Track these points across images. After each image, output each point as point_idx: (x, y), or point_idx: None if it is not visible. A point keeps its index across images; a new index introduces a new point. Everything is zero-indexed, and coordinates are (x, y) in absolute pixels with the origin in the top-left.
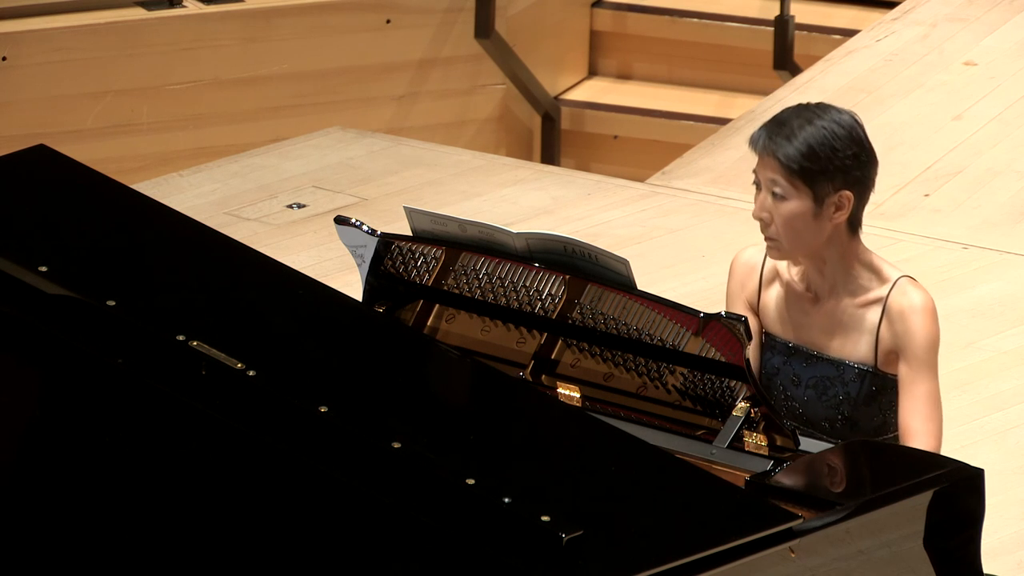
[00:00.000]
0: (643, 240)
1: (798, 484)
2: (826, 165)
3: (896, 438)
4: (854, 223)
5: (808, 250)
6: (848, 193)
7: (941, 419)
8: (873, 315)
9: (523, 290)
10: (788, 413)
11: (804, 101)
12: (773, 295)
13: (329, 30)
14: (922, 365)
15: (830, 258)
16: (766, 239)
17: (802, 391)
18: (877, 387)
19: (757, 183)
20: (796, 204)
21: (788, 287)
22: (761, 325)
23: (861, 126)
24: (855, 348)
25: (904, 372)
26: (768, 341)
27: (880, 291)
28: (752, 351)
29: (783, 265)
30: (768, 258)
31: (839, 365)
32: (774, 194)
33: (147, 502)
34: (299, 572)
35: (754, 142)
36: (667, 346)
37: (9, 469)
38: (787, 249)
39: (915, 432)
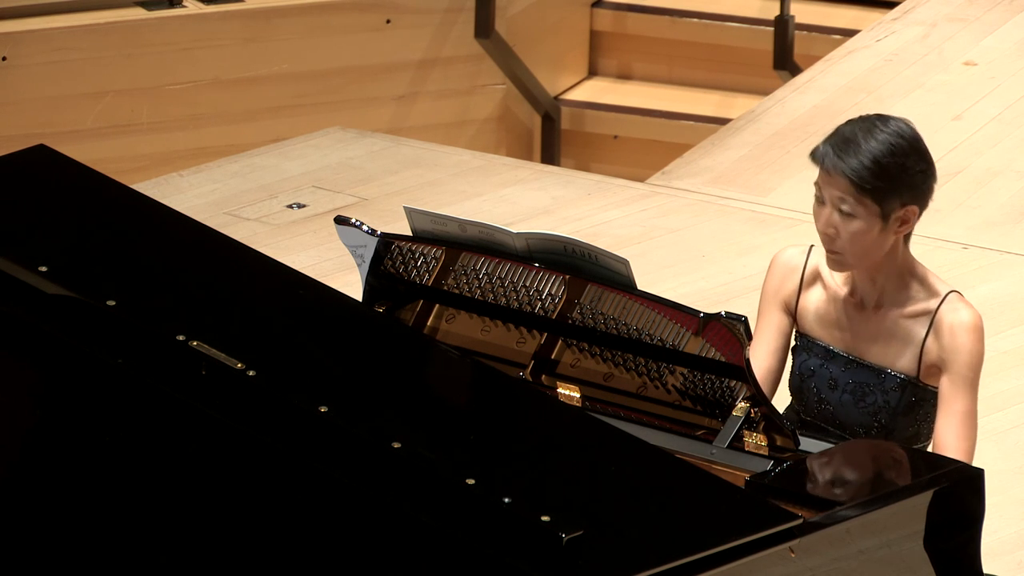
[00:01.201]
0: (643, 240)
1: (798, 484)
2: (896, 183)
3: (926, 448)
4: (908, 235)
5: (871, 263)
6: (914, 207)
7: (975, 439)
8: (920, 327)
9: (523, 290)
10: (821, 416)
11: (865, 113)
12: (814, 298)
13: (329, 30)
14: (964, 382)
15: (885, 270)
16: (830, 252)
17: (839, 394)
18: (917, 398)
19: (819, 197)
20: (865, 222)
21: (831, 291)
22: (796, 327)
23: (920, 137)
24: (898, 358)
25: (945, 387)
26: (805, 343)
27: (929, 304)
28: (770, 354)
29: (826, 268)
30: (811, 258)
31: (880, 373)
32: (841, 211)
33: (147, 502)
34: (299, 572)
35: (820, 158)
36: (667, 346)
37: (9, 469)
38: (851, 263)
39: (948, 448)
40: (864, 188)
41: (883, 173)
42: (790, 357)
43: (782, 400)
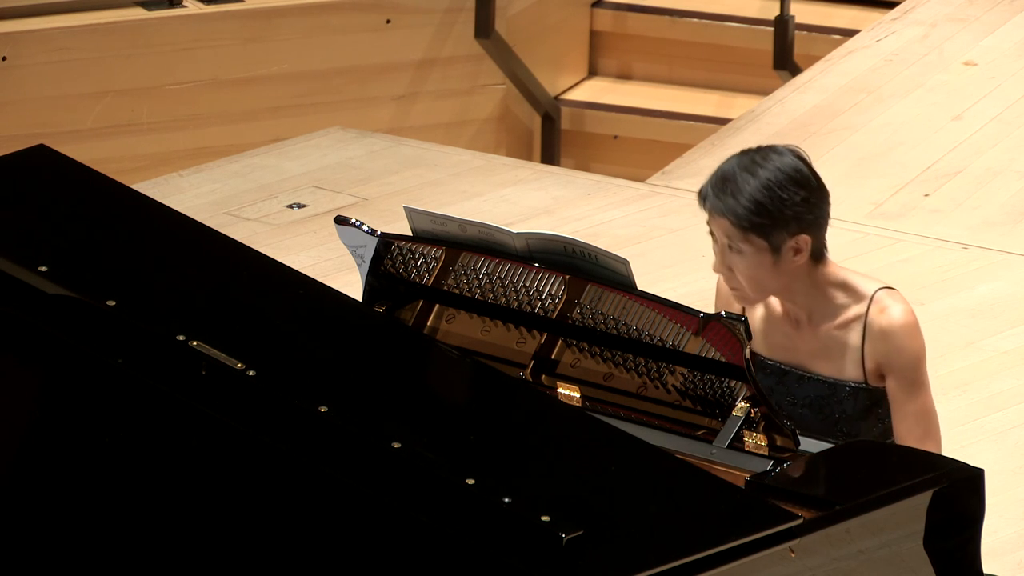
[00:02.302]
0: (643, 240)
1: (798, 484)
2: (777, 217)
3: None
4: (817, 254)
5: (774, 293)
6: (805, 237)
7: (938, 433)
8: (855, 335)
9: (523, 290)
10: None
11: (748, 148)
12: (757, 317)
13: (329, 30)
14: (910, 384)
15: (799, 289)
16: (731, 289)
17: (798, 410)
18: (872, 401)
19: (713, 234)
20: (754, 258)
21: (771, 311)
22: None
23: (807, 163)
24: (842, 368)
25: (893, 390)
26: (758, 363)
27: (858, 308)
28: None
29: None
30: None
31: (832, 385)
32: (730, 247)
33: (147, 502)
34: (299, 572)
35: (702, 199)
36: (667, 346)
37: (9, 469)
38: (752, 298)
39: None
40: (745, 228)
41: (762, 210)
42: None
43: None
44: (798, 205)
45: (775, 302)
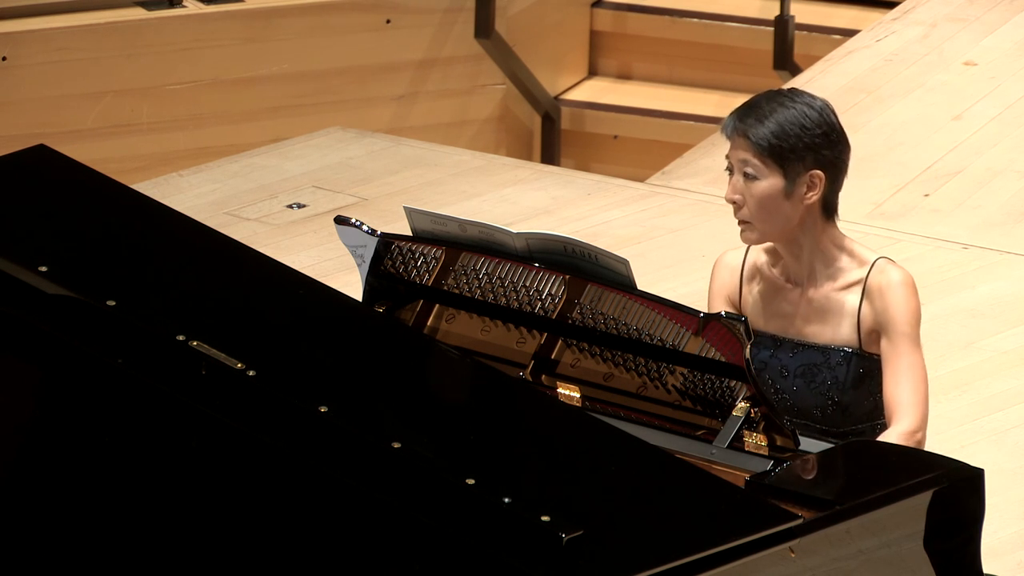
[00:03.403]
0: (643, 240)
1: (798, 484)
2: (796, 143)
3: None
4: (829, 208)
5: (781, 232)
6: (819, 173)
7: (927, 391)
8: (853, 297)
9: (523, 290)
10: (780, 407)
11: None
12: (755, 291)
13: (329, 30)
14: (904, 338)
15: (806, 243)
16: (739, 222)
17: (791, 381)
18: (864, 369)
19: (730, 168)
20: (768, 183)
21: (769, 281)
22: None
23: (833, 112)
24: (837, 332)
25: (886, 347)
26: (753, 332)
27: (859, 272)
28: None
29: (763, 261)
30: (748, 256)
31: (824, 350)
32: (745, 175)
33: (147, 501)
34: (299, 572)
35: (725, 127)
36: (667, 346)
37: (9, 468)
38: (760, 230)
39: (901, 404)
40: (763, 147)
41: (782, 133)
42: None
43: None
44: (817, 138)
45: (774, 271)
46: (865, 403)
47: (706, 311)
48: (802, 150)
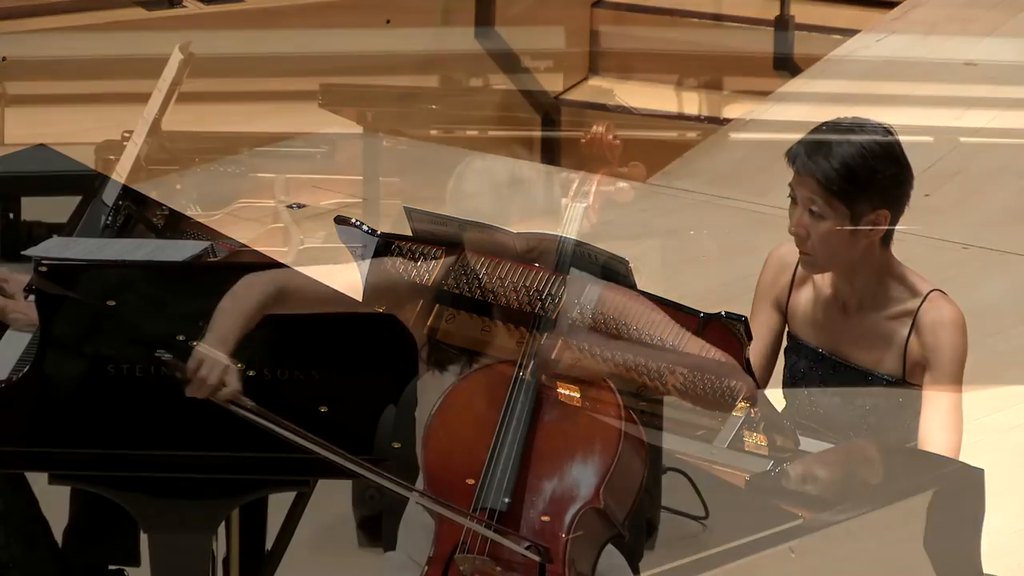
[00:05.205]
0: (643, 240)
1: (798, 484)
2: (865, 186)
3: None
4: (887, 237)
5: (842, 266)
6: (885, 212)
7: (961, 432)
8: (903, 328)
9: (523, 290)
10: (812, 418)
11: (839, 116)
12: (804, 298)
13: (329, 30)
14: (948, 378)
15: (863, 272)
16: (801, 253)
17: (828, 398)
18: (904, 399)
19: (793, 197)
20: (833, 223)
21: (819, 292)
22: (786, 325)
23: (898, 143)
24: (882, 359)
25: (929, 383)
26: (794, 344)
27: (911, 304)
28: (762, 350)
29: None
30: None
31: (867, 375)
32: (811, 212)
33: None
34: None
35: (792, 159)
36: (667, 346)
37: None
38: (821, 265)
39: (933, 442)
40: (832, 190)
41: (852, 176)
42: (782, 358)
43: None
44: (887, 179)
45: (825, 284)
46: (898, 430)
47: (706, 311)
48: (870, 192)
